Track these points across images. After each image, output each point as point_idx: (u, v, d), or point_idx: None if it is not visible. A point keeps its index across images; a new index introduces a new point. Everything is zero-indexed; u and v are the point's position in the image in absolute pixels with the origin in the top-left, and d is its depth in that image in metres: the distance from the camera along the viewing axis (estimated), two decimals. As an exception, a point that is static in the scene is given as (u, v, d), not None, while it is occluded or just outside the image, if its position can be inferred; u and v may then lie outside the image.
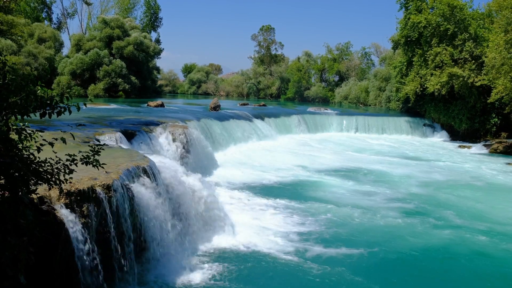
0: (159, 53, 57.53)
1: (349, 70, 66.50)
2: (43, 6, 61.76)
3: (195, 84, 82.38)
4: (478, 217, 12.93)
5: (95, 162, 5.23)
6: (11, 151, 4.38)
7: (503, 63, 26.38)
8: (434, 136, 34.80)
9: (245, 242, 9.84)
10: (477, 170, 21.08)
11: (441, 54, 31.90)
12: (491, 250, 10.32)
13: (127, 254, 7.38)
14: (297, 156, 22.17)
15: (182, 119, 19.57)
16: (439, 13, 32.28)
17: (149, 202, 8.05)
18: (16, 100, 4.36)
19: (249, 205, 12.92)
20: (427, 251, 10.07)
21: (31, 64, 42.44)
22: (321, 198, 14.21)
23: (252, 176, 16.77)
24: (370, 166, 20.51)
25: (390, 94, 47.18)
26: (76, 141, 10.55)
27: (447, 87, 31.44)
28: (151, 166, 8.97)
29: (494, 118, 31.84)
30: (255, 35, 79.95)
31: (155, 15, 69.34)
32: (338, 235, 10.73)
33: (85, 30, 63.35)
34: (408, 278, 8.80)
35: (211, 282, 7.95)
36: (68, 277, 6.10)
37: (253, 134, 25.72)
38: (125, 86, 46.72)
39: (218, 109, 29.65)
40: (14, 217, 4.32)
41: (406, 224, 11.90)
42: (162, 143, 15.60)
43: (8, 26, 28.82)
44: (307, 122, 32.91)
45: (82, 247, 6.22)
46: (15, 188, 4.42)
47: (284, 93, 71.60)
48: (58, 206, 6.10)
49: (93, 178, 7.03)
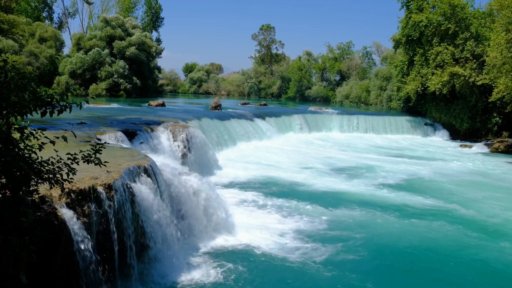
0: (160, 53, 57.53)
1: (350, 70, 66.45)
2: (43, 5, 61.80)
3: (196, 84, 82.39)
4: (491, 215, 12.98)
5: (96, 160, 5.22)
6: (12, 150, 4.37)
7: (504, 62, 26.33)
8: (435, 135, 34.76)
9: (246, 241, 9.84)
10: (479, 170, 21.05)
11: (442, 53, 31.87)
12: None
13: (128, 253, 7.37)
14: (298, 155, 22.15)
15: (183, 119, 19.57)
16: (440, 12, 32.25)
17: (150, 201, 8.04)
18: (16, 99, 4.35)
19: (250, 204, 12.91)
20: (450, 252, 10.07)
21: (33, 63, 42.47)
22: (322, 197, 14.19)
23: (253, 175, 16.75)
24: (372, 166, 20.49)
25: (391, 93, 47.14)
26: (77, 140, 10.55)
27: (448, 86, 31.40)
28: (152, 165, 8.96)
29: (496, 118, 31.78)
30: (255, 35, 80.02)
31: (156, 15, 69.33)
32: (343, 235, 10.70)
33: (86, 30, 63.40)
34: (416, 278, 8.78)
35: (212, 282, 7.94)
36: (69, 276, 6.10)
37: (254, 133, 25.72)
38: (126, 86, 46.74)
39: (219, 108, 29.64)
40: (15, 216, 4.32)
41: (415, 224, 11.87)
42: (163, 143, 15.58)
43: (9, 26, 28.80)
44: (308, 122, 32.90)
45: (83, 247, 6.21)
46: (17, 187, 4.42)
47: (285, 93, 71.57)
48: (59, 206, 6.09)
49: (94, 177, 7.02)
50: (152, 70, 54.65)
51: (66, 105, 4.62)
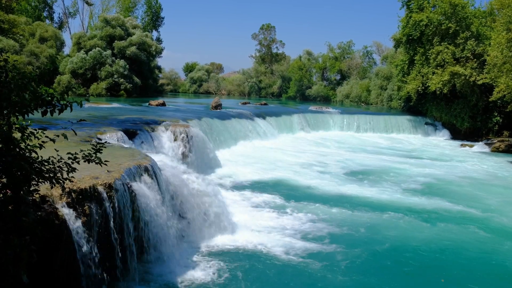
0: (160, 53, 57.56)
1: (351, 69, 66.45)
2: (44, 5, 61.81)
3: (196, 83, 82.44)
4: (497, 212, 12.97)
5: (97, 160, 5.21)
6: (13, 150, 4.37)
7: (505, 62, 26.28)
8: (436, 135, 34.74)
9: (247, 241, 9.83)
10: (481, 169, 21.03)
11: (442, 53, 31.84)
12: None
13: (129, 252, 7.37)
14: (299, 155, 22.15)
15: (183, 118, 19.58)
16: (441, 12, 32.22)
17: (150, 201, 8.04)
18: (17, 99, 4.35)
19: (250, 204, 12.91)
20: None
21: (33, 63, 42.53)
22: (322, 197, 14.18)
23: (254, 175, 16.75)
24: (374, 165, 20.49)
25: (392, 93, 47.13)
26: (77, 139, 10.56)
27: (448, 85, 31.38)
28: (152, 165, 8.97)
29: (496, 117, 31.76)
30: (255, 34, 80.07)
31: (156, 14, 69.34)
32: (342, 234, 10.70)
33: (86, 29, 63.41)
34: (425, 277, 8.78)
35: (212, 281, 7.94)
36: (69, 276, 6.10)
37: (255, 133, 25.73)
38: (126, 86, 46.77)
39: (220, 108, 29.66)
40: (16, 216, 4.32)
41: (420, 224, 11.82)
42: (164, 142, 15.59)
43: (10, 25, 28.84)
44: (309, 121, 32.90)
45: (84, 246, 6.21)
46: (17, 187, 4.42)
47: (286, 92, 71.59)
48: (60, 205, 6.09)
49: (95, 177, 7.02)
50: (153, 69, 54.68)
51: (67, 104, 4.62)
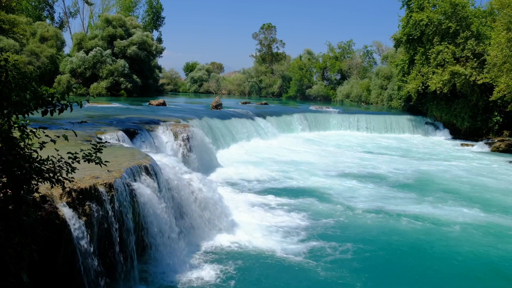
0: (161, 52, 57.61)
1: (351, 69, 66.47)
2: (44, 4, 61.84)
3: (196, 83, 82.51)
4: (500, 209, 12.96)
5: (97, 160, 5.22)
6: (13, 149, 4.39)
7: (505, 61, 26.28)
8: (436, 134, 34.73)
9: (247, 241, 9.84)
10: (482, 169, 21.02)
11: (443, 52, 31.83)
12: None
13: (129, 252, 7.39)
14: (299, 154, 22.16)
15: (184, 118, 19.58)
16: (441, 11, 32.21)
17: (150, 200, 8.05)
18: (17, 98, 4.36)
19: (250, 204, 12.92)
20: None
21: (33, 63, 42.55)
22: (323, 196, 14.19)
23: (254, 174, 16.75)
24: (375, 165, 20.50)
25: (392, 92, 47.12)
26: (78, 139, 10.57)
27: (449, 85, 31.38)
28: (153, 164, 8.98)
29: (497, 117, 31.75)
30: (256, 34, 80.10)
31: (157, 14, 69.36)
32: (343, 234, 10.71)
33: (87, 29, 63.42)
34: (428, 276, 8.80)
35: (212, 281, 7.95)
36: (70, 275, 6.11)
37: (255, 132, 25.73)
38: (127, 85, 46.80)
39: (220, 107, 29.68)
40: (17, 215, 4.33)
41: (423, 224, 11.83)
42: (164, 142, 15.60)
43: (10, 25, 28.88)
44: (309, 121, 32.91)
45: (84, 246, 6.23)
46: (18, 186, 4.43)
47: (286, 92, 71.62)
48: (60, 205, 6.10)
49: (95, 176, 7.03)
50: (153, 69, 54.70)
51: (67, 103, 4.63)
